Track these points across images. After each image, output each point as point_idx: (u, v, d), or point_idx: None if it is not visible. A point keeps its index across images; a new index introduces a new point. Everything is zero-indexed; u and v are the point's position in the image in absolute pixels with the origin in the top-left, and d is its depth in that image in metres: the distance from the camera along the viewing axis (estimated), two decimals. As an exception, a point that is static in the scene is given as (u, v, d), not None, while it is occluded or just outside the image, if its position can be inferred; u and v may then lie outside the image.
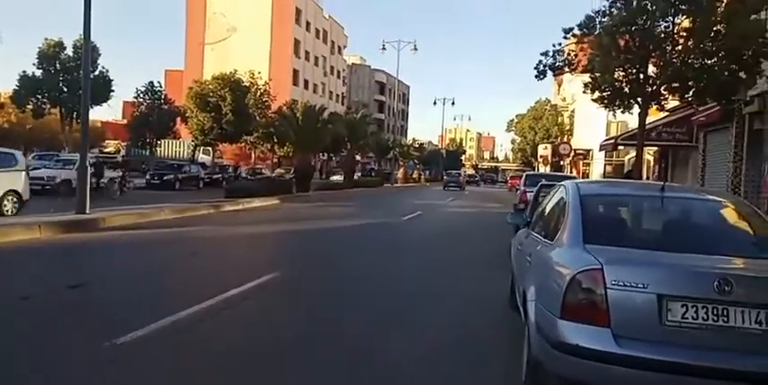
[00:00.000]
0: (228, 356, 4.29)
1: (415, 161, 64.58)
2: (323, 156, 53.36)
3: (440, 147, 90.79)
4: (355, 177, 39.24)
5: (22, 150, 47.14)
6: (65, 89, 34.74)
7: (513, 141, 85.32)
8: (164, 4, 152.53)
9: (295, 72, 62.62)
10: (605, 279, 3.07)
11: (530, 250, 4.56)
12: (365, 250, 10.45)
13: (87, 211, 12.48)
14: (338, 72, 76.16)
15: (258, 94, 38.55)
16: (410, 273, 8.29)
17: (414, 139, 78.69)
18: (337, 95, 75.81)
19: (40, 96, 36.23)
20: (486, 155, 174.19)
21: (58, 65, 35.51)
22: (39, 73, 35.84)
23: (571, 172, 42.87)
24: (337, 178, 36.80)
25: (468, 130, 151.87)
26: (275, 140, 40.51)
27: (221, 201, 18.62)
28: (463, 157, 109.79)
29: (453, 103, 66.21)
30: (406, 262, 9.28)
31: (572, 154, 42.91)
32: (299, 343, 4.77)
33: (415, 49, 47.07)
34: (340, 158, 52.62)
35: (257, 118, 37.76)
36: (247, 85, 37.63)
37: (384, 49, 46.75)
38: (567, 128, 52.82)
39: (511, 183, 46.74)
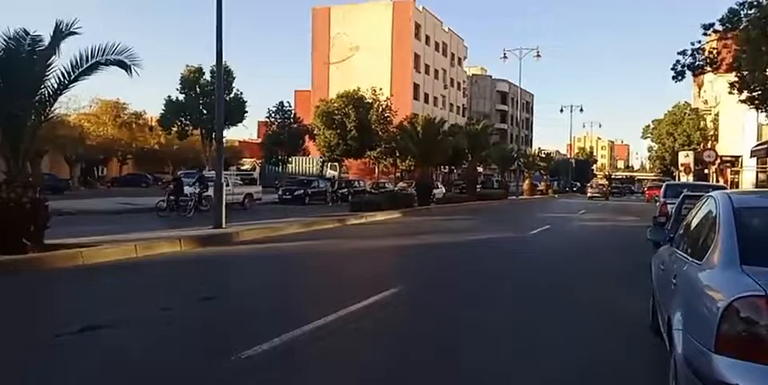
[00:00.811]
0: (345, 375, 4.24)
1: (542, 172, 62.37)
2: (444, 168, 53.26)
3: (568, 156, 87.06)
4: (478, 190, 38.64)
5: (171, 169, 51.93)
6: (204, 111, 37.74)
7: (649, 149, 79.81)
8: (292, 28, 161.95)
9: (415, 86, 63.37)
10: (771, 307, 2.59)
11: (674, 271, 4.06)
12: (489, 267, 10.08)
13: (224, 226, 13.30)
14: (458, 84, 75.98)
15: (380, 109, 39.44)
16: (536, 291, 7.82)
17: (539, 149, 76.18)
18: (458, 107, 75.59)
19: (183, 119, 39.64)
20: (620, 164, 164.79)
21: (198, 89, 38.69)
22: (181, 97, 39.26)
23: (717, 181, 39.07)
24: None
25: (599, 138, 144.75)
26: (397, 154, 41.13)
27: (346, 214, 19.10)
28: (594, 167, 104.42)
29: (582, 110, 63.17)
30: (533, 280, 8.79)
31: (718, 161, 39.14)
32: (419, 366, 4.59)
33: (538, 55, 45.73)
34: (461, 171, 52.15)
35: (380, 133, 38.60)
36: (370, 101, 38.63)
37: (505, 57, 45.82)
38: (711, 133, 48.35)
39: (648, 194, 43.56)
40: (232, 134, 61.94)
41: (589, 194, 52.71)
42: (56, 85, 9.39)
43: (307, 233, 14.40)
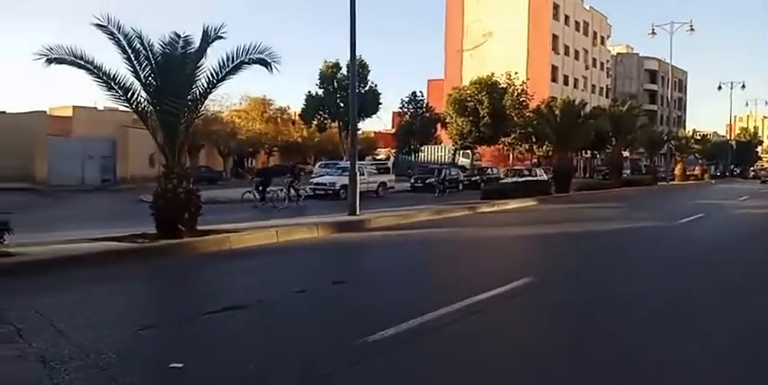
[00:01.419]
0: (470, 364, 4.17)
1: (697, 155, 57.00)
2: (585, 153, 50.64)
3: (728, 138, 78.71)
4: (624, 176, 36.22)
5: (312, 160, 54.70)
6: (342, 105, 39.06)
7: (829, 126, 69.71)
8: (426, 17, 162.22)
9: (554, 68, 60.77)
10: None
11: None
12: (629, 259, 9.39)
13: (358, 213, 13.73)
14: (601, 64, 71.58)
15: (515, 94, 38.31)
16: (683, 289, 7.12)
17: (694, 131, 69.66)
18: (601, 88, 71.31)
19: (322, 112, 41.38)
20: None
21: (335, 83, 40.14)
22: (320, 92, 40.99)
23: None
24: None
25: (765, 117, 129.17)
26: (533, 140, 39.81)
27: (477, 202, 18.82)
28: (759, 149, 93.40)
29: (743, 87, 56.49)
30: (679, 274, 8.02)
31: None
32: (544, 351, 4.41)
33: (692, 29, 41.59)
34: (605, 156, 49.23)
35: (514, 118, 37.55)
36: (504, 86, 37.66)
37: (654, 33, 42.28)
38: None
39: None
40: (367, 125, 63.68)
41: (762, 179, 50.87)
42: (206, 85, 10.19)
43: (437, 221, 14.41)
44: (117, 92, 9.85)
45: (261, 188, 18.54)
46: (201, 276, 8.02)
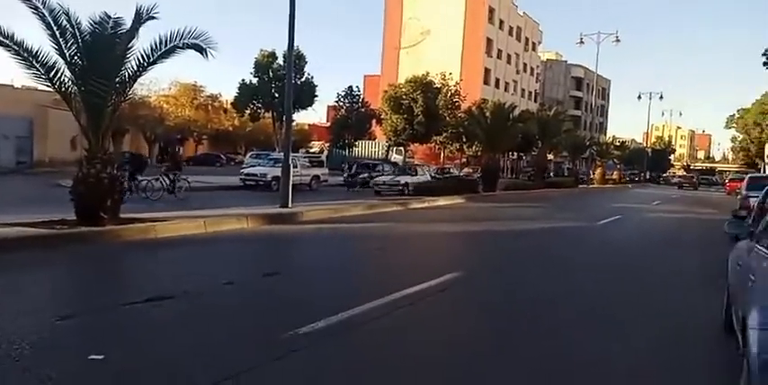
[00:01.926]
0: (397, 357, 4.26)
1: (615, 160, 60.05)
2: (513, 155, 52.23)
3: (645, 145, 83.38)
4: (548, 177, 37.64)
5: (243, 150, 53.52)
6: (276, 95, 38.47)
7: (733, 139, 75.08)
8: (365, 13, 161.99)
9: (486, 71, 62.21)
10: None
11: (754, 267, 3.80)
12: (551, 257, 9.83)
13: (290, 206, 13.60)
14: (531, 69, 74.00)
15: (449, 94, 38.94)
16: (601, 285, 7.55)
17: (614, 137, 73.27)
18: (530, 93, 73.73)
19: (256, 102, 40.58)
20: (701, 154, 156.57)
21: (271, 73, 39.45)
22: (255, 81, 40.15)
23: (810, 174, 36.38)
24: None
25: (678, 127, 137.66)
26: (464, 140, 40.64)
27: (409, 198, 19.07)
28: (672, 157, 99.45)
29: (661, 98, 59.85)
30: (597, 272, 8.49)
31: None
32: (471, 347, 4.55)
33: (617, 40, 43.68)
34: (531, 158, 50.96)
35: (447, 118, 38.19)
36: (438, 86, 38.21)
37: (582, 42, 44.09)
38: (805, 123, 45.00)
39: (729, 187, 41.16)
40: (302, 117, 63.14)
41: (678, 184, 55.03)
42: (135, 68, 9.77)
43: (369, 215, 14.50)
44: (38, 70, 9.28)
45: (130, 176, 15.87)
46: (125, 265, 7.72)
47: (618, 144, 63.92)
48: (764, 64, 13.93)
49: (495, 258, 9.37)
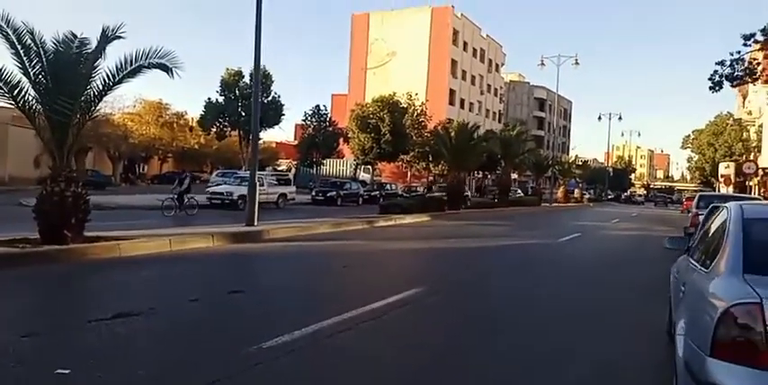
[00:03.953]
0: (362, 367, 4.44)
1: (577, 179, 61.57)
2: (478, 174, 53.06)
3: (606, 165, 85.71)
4: (510, 196, 38.40)
5: (209, 168, 53.01)
6: (243, 114, 38.48)
7: (689, 159, 77.93)
8: (331, 34, 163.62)
9: (451, 92, 63.36)
10: (765, 315, 2.67)
11: (684, 279, 4.13)
12: (514, 272, 10.15)
13: (255, 224, 13.67)
14: (495, 90, 75.63)
15: (415, 114, 39.63)
16: (561, 297, 7.87)
17: (576, 157, 75.19)
18: (494, 113, 75.23)
19: (222, 120, 40.48)
20: (660, 173, 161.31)
21: (237, 92, 39.49)
22: (221, 99, 40.11)
23: (759, 193, 38.00)
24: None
25: (638, 147, 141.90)
26: (430, 159, 41.24)
27: (376, 216, 19.30)
28: (633, 176, 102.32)
29: (620, 118, 61.91)
30: (556, 286, 8.84)
31: (759, 173, 38.07)
32: (429, 362, 4.74)
33: (576, 62, 45.22)
34: (495, 177, 51.91)
35: (413, 137, 38.80)
36: (405, 106, 38.87)
37: (543, 64, 45.48)
38: (754, 144, 47.01)
39: (685, 205, 42.67)
40: (269, 136, 62.97)
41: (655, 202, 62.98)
42: (101, 86, 9.85)
43: (335, 233, 14.66)
44: (1, 88, 9.28)
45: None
46: (90, 283, 7.71)
47: (580, 163, 65.63)
48: (710, 88, 14.66)
49: (457, 274, 9.62)
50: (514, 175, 52.18)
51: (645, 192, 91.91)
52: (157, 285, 7.46)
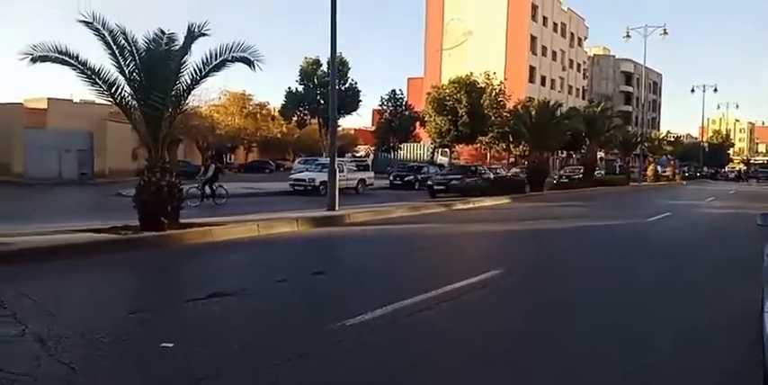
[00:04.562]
0: (443, 344, 4.57)
1: (668, 156, 58.33)
2: (561, 153, 51.52)
3: (700, 140, 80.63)
4: (596, 175, 37.03)
5: (291, 156, 54.65)
6: (322, 101, 39.27)
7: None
8: (406, 16, 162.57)
9: (531, 69, 61.63)
10: None
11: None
12: (598, 253, 9.89)
13: (336, 209, 14.06)
14: (578, 65, 72.81)
15: (493, 94, 38.89)
16: (647, 278, 7.63)
17: (667, 132, 71.20)
18: (577, 89, 72.53)
19: (302, 109, 41.52)
20: (762, 148, 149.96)
21: (316, 80, 40.30)
22: (301, 88, 41.10)
23: None
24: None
25: (737, 120, 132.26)
26: (510, 139, 40.45)
27: (453, 199, 19.26)
28: (731, 151, 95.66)
29: (716, 90, 57.83)
30: (642, 268, 8.53)
31: None
32: (506, 342, 4.79)
33: (665, 33, 42.55)
34: (580, 156, 50.20)
35: (492, 118, 38.14)
36: (482, 86, 38.22)
37: (629, 36, 43.14)
38: None
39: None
40: (347, 122, 63.89)
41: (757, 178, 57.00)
42: (189, 81, 10.41)
43: (414, 217, 14.81)
44: (101, 87, 10.02)
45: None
46: (186, 266, 8.30)
47: (671, 139, 62.05)
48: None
49: (536, 255, 9.52)
50: (601, 154, 50.19)
51: (745, 167, 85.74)
52: (248, 267, 7.92)
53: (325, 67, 40.06)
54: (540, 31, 62.94)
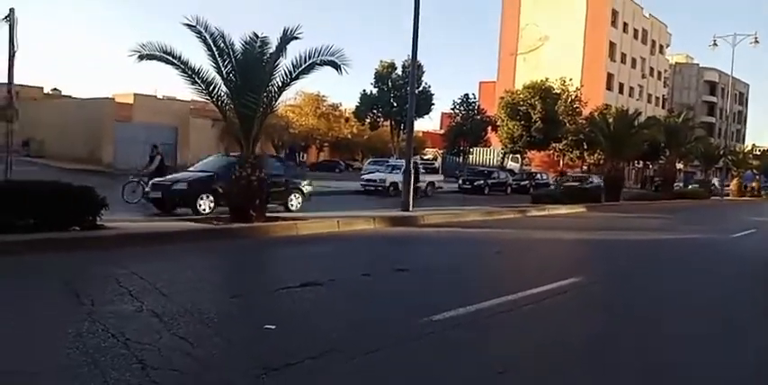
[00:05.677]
0: (524, 346, 4.70)
1: (755, 171, 55.24)
2: (638, 163, 49.84)
3: (791, 153, 75.69)
4: (675, 188, 35.60)
5: (360, 157, 55.48)
6: (395, 104, 39.74)
7: None
8: (480, 20, 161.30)
9: (609, 76, 59.96)
10: None
11: None
12: (676, 267, 9.64)
13: (410, 210, 14.32)
14: (659, 73, 70.18)
15: (569, 100, 38.18)
16: (726, 296, 7.41)
17: (753, 145, 67.37)
18: (657, 98, 69.89)
19: (375, 111, 42.13)
20: None
21: (390, 83, 40.80)
22: (375, 91, 41.71)
23: None
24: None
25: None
26: (585, 147, 39.57)
27: (527, 206, 19.13)
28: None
29: (810, 102, 54.50)
30: (724, 283, 8.28)
31: None
32: (594, 347, 4.85)
33: (756, 41, 40.39)
34: (658, 166, 48.37)
35: (567, 125, 37.44)
36: (558, 92, 37.59)
37: (715, 44, 41.24)
38: None
39: None
40: (417, 125, 64.03)
41: None
42: (280, 83, 10.94)
43: (487, 221, 14.84)
44: (200, 86, 10.69)
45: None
46: (276, 256, 8.79)
47: (758, 153, 58.67)
48: None
49: (615, 265, 9.39)
50: (679, 165, 48.16)
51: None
52: (332, 261, 8.30)
53: (399, 71, 40.51)
54: (620, 37, 61.11)
